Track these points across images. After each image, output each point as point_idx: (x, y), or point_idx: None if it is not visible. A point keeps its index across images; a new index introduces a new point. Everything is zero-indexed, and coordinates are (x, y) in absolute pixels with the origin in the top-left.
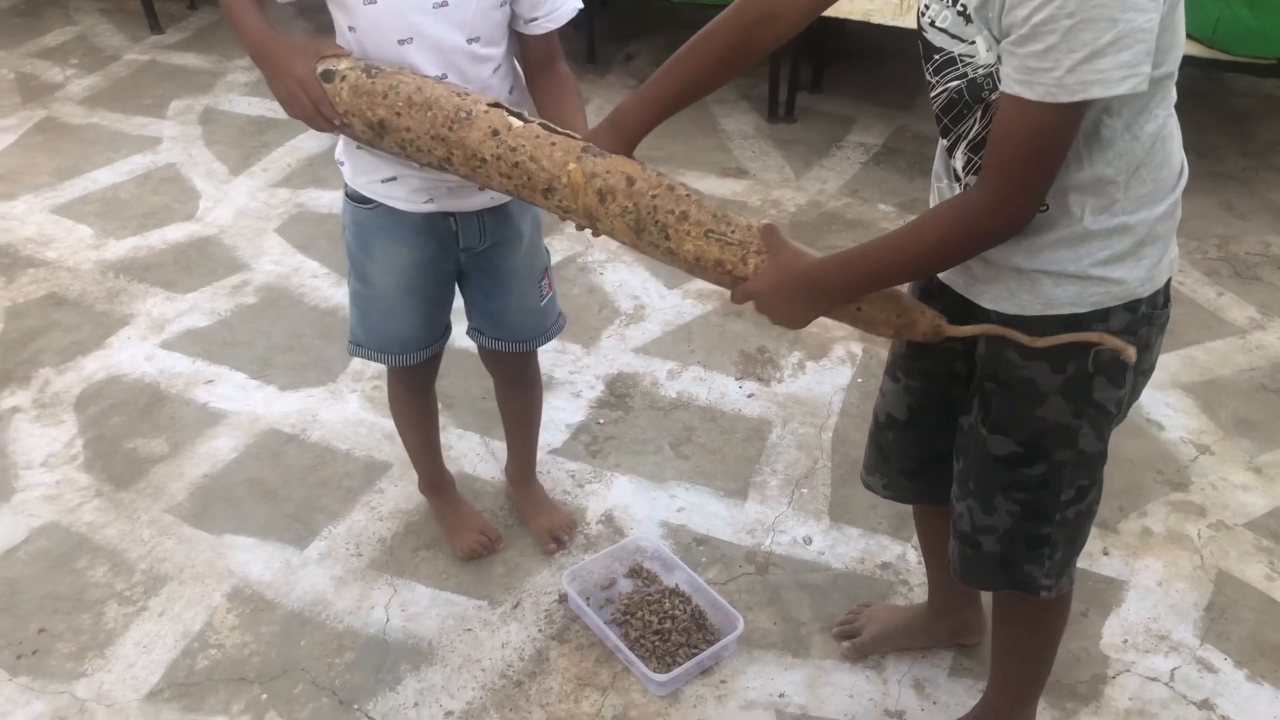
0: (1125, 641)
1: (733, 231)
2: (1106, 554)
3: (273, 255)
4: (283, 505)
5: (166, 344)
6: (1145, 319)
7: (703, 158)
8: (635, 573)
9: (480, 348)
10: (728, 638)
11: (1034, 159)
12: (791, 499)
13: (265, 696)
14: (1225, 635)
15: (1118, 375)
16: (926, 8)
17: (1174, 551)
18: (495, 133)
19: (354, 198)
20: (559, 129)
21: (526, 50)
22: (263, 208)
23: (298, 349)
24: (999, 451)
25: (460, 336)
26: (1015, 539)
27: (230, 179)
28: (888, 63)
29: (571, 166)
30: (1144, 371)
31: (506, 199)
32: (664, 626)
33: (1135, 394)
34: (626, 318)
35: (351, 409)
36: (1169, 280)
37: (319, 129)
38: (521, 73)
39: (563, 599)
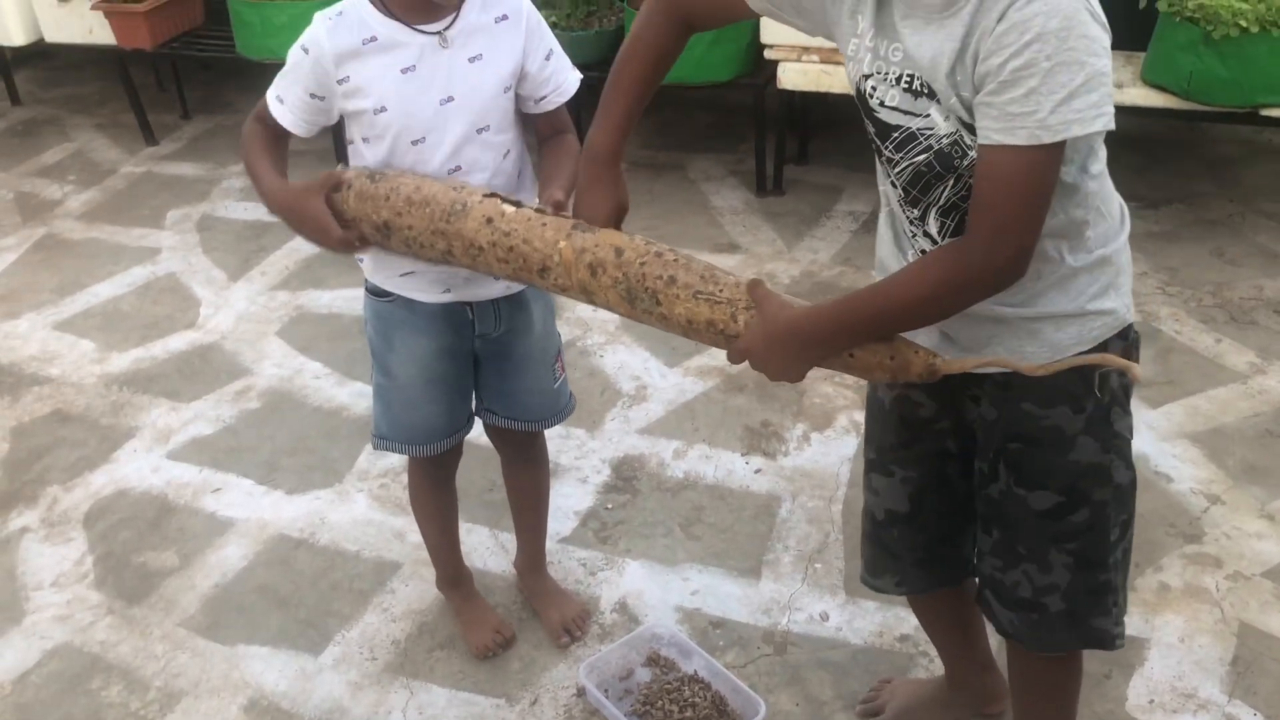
0: (1152, 702)
1: (720, 290)
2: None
3: (274, 359)
4: (295, 611)
5: (173, 454)
6: (1134, 343)
7: (695, 235)
8: (653, 661)
9: (488, 426)
10: None
11: (1023, 203)
12: (805, 575)
13: None
14: (1253, 689)
15: (1126, 401)
16: (873, 90)
17: (1193, 606)
18: (489, 220)
19: (374, 292)
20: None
21: (538, 127)
22: (263, 311)
23: (303, 451)
24: (1042, 506)
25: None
26: (1079, 594)
27: (230, 285)
28: None
29: (562, 244)
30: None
31: (520, 287)
32: (685, 716)
33: None
34: (629, 399)
35: (359, 509)
36: None
37: (355, 253)
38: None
39: (581, 693)
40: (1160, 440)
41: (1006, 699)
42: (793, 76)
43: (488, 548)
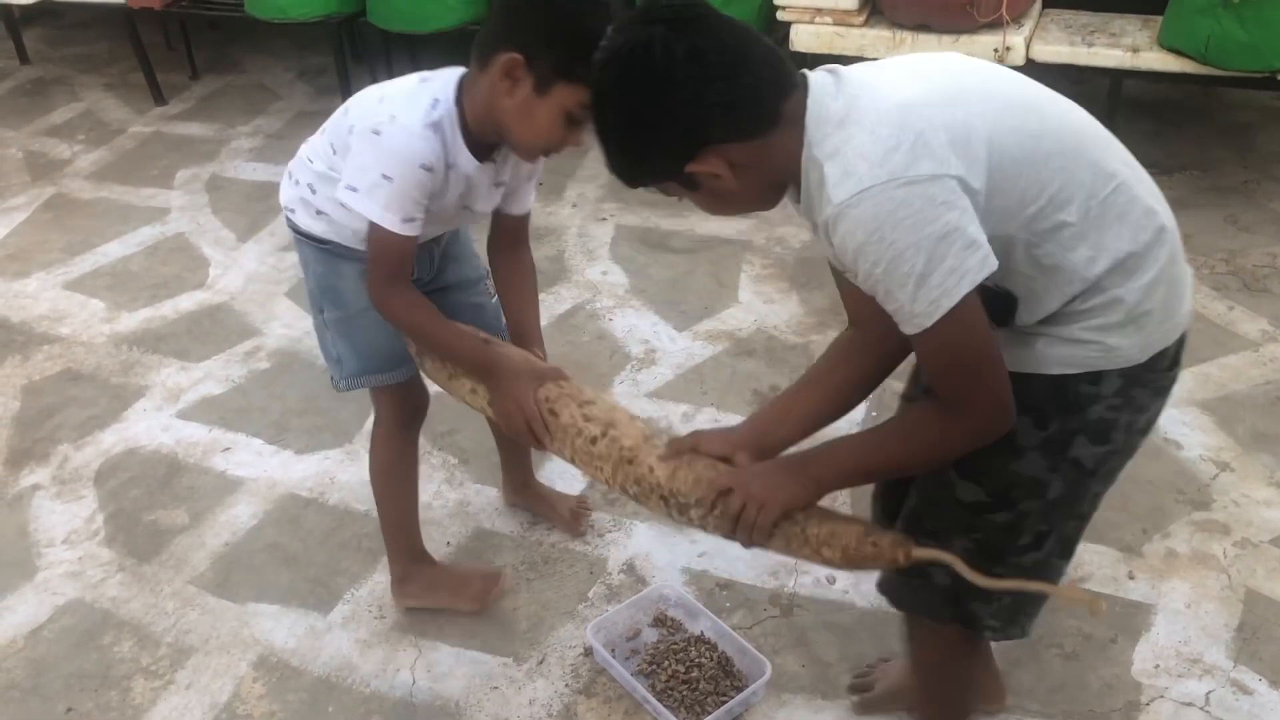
0: (1157, 666)
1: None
2: (1132, 578)
3: (284, 319)
4: (304, 570)
5: (183, 413)
6: (1139, 381)
7: None
8: (660, 622)
9: None
10: (756, 683)
11: (960, 374)
12: None
13: None
14: (1258, 655)
15: (1101, 434)
16: None
17: (1200, 572)
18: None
19: (311, 238)
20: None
21: (500, 228)
22: (272, 272)
23: (312, 411)
24: (967, 498)
25: None
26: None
27: (239, 245)
28: None
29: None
30: (1140, 431)
31: (456, 228)
32: (691, 675)
33: (1128, 452)
34: (638, 362)
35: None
36: (1178, 340)
37: (529, 445)
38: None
39: (588, 652)
40: (1170, 407)
41: (1005, 700)
42: (805, 39)
43: (496, 509)
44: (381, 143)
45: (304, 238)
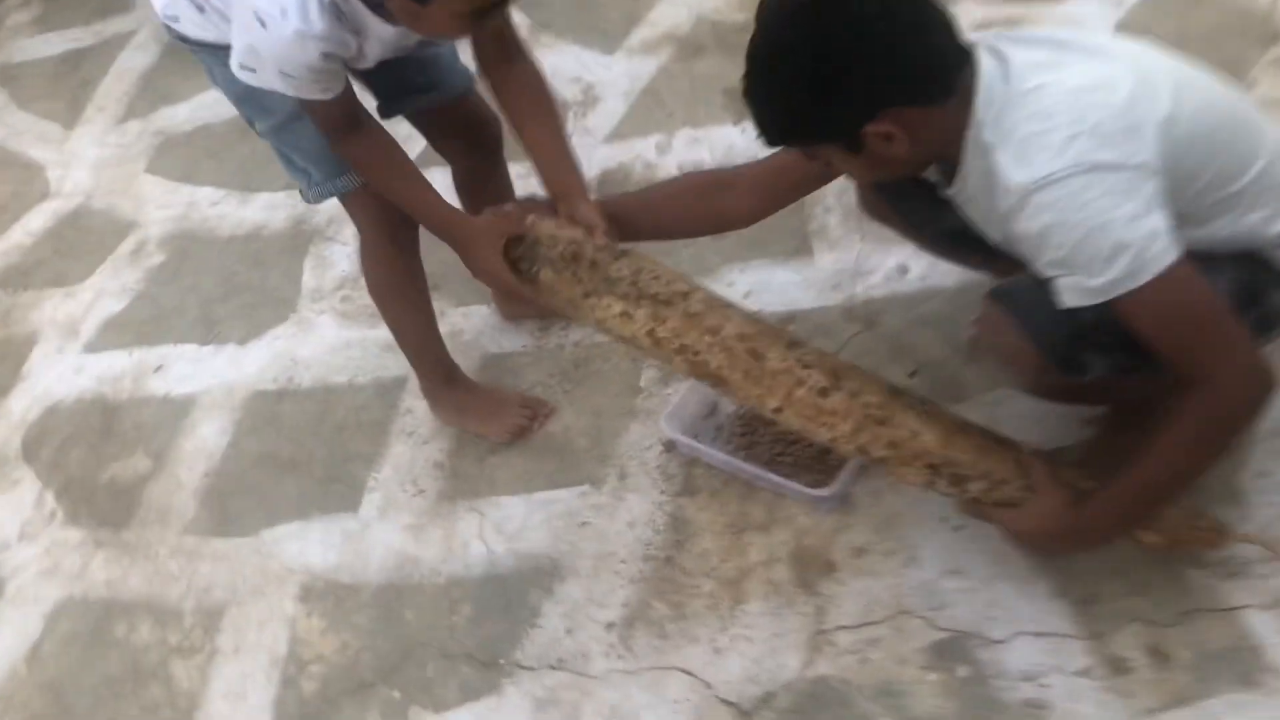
0: None
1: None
2: None
3: (157, 200)
4: (310, 471)
5: (90, 346)
6: None
7: None
8: None
9: (425, 125)
10: None
11: (1188, 330)
12: (861, 230)
13: (398, 695)
14: None
15: None
16: None
17: None
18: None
19: (206, 45)
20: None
21: (478, 40)
22: (120, 153)
23: (235, 291)
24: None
25: None
26: None
27: (67, 135)
28: None
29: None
30: None
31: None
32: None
33: None
34: (580, 106)
35: (329, 333)
36: None
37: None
38: None
39: (670, 447)
40: None
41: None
42: None
43: (495, 327)
44: (269, 38)
45: (197, 46)
